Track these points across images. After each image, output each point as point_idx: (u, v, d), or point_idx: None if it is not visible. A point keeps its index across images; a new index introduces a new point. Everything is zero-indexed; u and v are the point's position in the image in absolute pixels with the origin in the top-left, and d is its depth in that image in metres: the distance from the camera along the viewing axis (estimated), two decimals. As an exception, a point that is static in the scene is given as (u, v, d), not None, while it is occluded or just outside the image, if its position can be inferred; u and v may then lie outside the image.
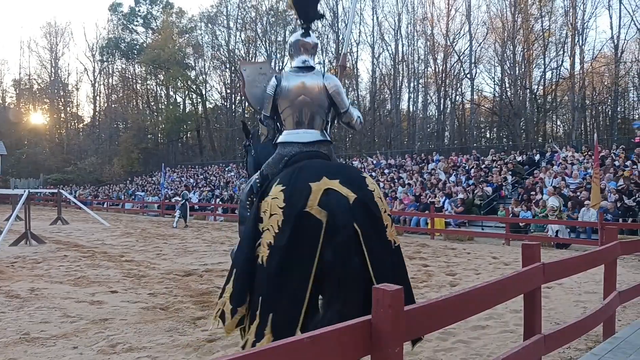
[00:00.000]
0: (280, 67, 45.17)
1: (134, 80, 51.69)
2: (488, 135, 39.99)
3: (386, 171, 21.34)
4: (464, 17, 34.39)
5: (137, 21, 50.88)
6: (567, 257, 3.86)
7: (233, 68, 45.91)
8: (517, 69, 32.20)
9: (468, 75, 34.64)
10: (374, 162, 23.91)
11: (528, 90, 32.15)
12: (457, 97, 36.88)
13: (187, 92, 48.75)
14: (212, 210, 22.55)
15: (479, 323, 4.88)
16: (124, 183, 37.21)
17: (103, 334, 4.65)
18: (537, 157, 18.07)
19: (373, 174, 21.17)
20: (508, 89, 33.80)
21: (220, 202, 23.11)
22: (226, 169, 32.46)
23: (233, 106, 48.56)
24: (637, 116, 31.47)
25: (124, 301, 5.90)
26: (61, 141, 52.31)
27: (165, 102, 50.63)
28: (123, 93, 52.29)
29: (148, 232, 15.15)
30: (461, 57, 34.84)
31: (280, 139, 3.54)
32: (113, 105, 52.33)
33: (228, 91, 48.07)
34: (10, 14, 75.77)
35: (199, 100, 48.29)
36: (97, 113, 53.38)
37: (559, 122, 37.03)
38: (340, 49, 43.11)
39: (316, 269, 2.71)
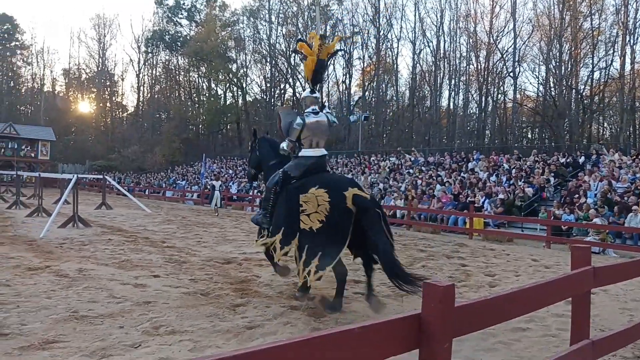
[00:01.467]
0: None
1: (177, 72, 52.81)
2: (530, 136, 38.94)
3: (424, 169, 21.11)
4: (509, 14, 33.58)
5: (182, 14, 51.89)
6: (618, 262, 3.74)
7: (274, 62, 46.24)
8: (562, 68, 31.17)
9: (511, 74, 33.79)
10: (412, 159, 23.67)
11: (574, 90, 31.08)
12: (499, 95, 36.07)
13: (228, 84, 49.44)
14: (250, 201, 22.86)
15: (520, 325, 4.79)
16: (165, 172, 38.15)
17: (147, 316, 4.79)
18: (581, 160, 17.49)
19: (410, 171, 20.98)
20: (552, 89, 32.79)
21: (258, 193, 23.39)
22: (264, 162, 32.78)
23: (272, 100, 48.91)
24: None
25: (166, 285, 6.07)
26: (106, 129, 54.06)
27: (207, 94, 51.49)
28: (166, 84, 53.53)
29: (188, 219, 15.53)
30: (504, 55, 34.01)
31: (302, 153, 5.69)
32: (156, 96, 53.65)
33: (268, 85, 48.47)
34: (61, 5, 78.56)
35: (240, 93, 48.89)
36: (140, 103, 54.87)
37: (605, 124, 35.67)
38: (380, 45, 42.84)
39: (351, 234, 5.00)
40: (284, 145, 5.76)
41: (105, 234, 10.77)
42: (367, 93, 45.42)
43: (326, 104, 6.74)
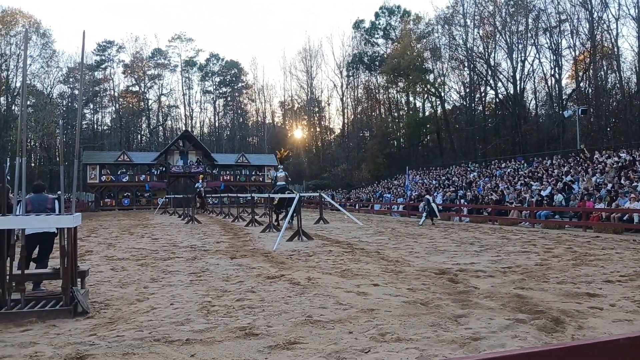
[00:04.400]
0: (523, 57, 42.08)
1: (377, 91, 54.90)
2: None
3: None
4: None
5: (378, 34, 54.00)
6: None
7: (472, 66, 44.69)
8: None
9: None
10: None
11: None
12: None
13: (426, 95, 49.46)
14: (457, 210, 22.27)
15: None
16: (372, 186, 39.76)
17: (372, 323, 5.00)
18: None
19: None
20: None
21: (464, 203, 22.68)
22: (468, 169, 31.72)
23: (473, 104, 47.27)
24: None
25: (386, 294, 6.27)
26: (317, 151, 59.00)
27: (406, 108, 52.27)
28: (367, 103, 56.09)
29: (398, 231, 15.87)
30: None
31: (278, 184, 18.62)
32: (359, 116, 56.58)
33: (467, 90, 47.03)
34: (274, 45, 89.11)
35: (438, 102, 48.44)
36: (345, 124, 58.50)
37: None
38: (595, 28, 37.81)
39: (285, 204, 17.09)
40: (274, 181, 19.50)
41: (325, 246, 11.69)
42: (582, 84, 40.55)
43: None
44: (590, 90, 39.70)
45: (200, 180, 33.35)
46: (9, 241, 5.53)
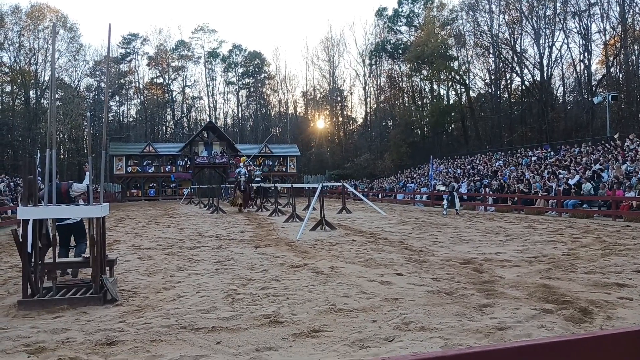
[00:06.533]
0: (551, 43, 40.97)
1: (400, 79, 54.29)
2: None
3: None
4: None
5: (401, 21, 53.30)
6: None
7: (497, 52, 43.81)
8: None
9: None
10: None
11: None
12: None
13: (450, 83, 48.75)
14: (482, 200, 21.98)
15: None
16: (395, 175, 39.51)
17: (396, 312, 5.00)
18: None
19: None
20: None
21: (490, 192, 22.37)
22: (494, 157, 31.23)
23: (498, 92, 46.42)
24: None
25: (410, 283, 6.25)
26: (340, 141, 58.77)
27: (430, 96, 51.61)
28: (390, 92, 55.52)
29: (421, 221, 15.76)
30: None
31: (257, 179, 26.34)
32: (382, 105, 56.08)
33: (492, 77, 46.19)
34: (296, 35, 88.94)
35: (463, 90, 47.72)
36: (368, 113, 58.08)
37: None
38: (626, 11, 36.58)
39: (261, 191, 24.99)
40: (254, 175, 26.78)
41: (349, 236, 11.70)
42: (612, 69, 39.38)
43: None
44: (620, 76, 38.55)
45: (242, 164, 22.54)
46: (40, 231, 5.70)
